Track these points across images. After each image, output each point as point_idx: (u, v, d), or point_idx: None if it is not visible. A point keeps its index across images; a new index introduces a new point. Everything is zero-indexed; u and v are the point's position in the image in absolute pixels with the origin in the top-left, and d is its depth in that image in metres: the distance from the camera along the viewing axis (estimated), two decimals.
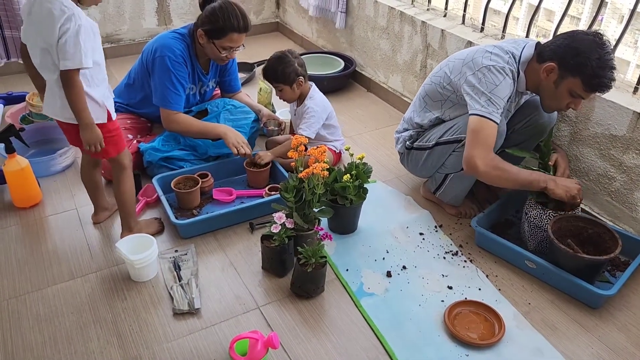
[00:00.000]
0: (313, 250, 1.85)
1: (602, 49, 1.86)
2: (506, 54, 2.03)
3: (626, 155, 2.14)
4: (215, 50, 2.42)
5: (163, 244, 2.17)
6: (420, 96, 2.31)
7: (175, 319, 1.85)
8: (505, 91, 1.99)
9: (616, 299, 1.93)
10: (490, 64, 2.00)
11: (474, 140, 1.97)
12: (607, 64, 1.87)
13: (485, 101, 1.98)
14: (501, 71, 1.99)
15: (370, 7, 3.36)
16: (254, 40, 4.36)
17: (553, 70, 1.94)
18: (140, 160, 2.52)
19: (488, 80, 1.99)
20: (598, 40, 1.87)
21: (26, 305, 1.89)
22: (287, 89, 2.55)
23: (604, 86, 1.90)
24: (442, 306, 1.89)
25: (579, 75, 1.89)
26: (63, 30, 1.70)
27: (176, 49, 2.42)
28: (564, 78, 1.93)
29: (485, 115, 1.96)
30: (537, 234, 2.04)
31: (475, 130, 1.97)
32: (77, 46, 1.71)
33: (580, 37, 1.90)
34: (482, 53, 2.05)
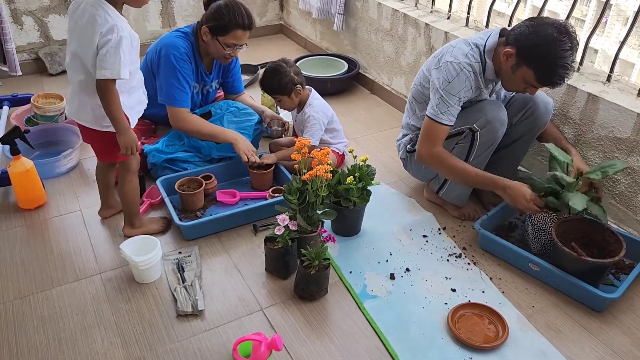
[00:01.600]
0: (316, 252, 1.85)
1: (560, 46, 1.85)
2: (468, 46, 2.07)
3: (630, 157, 2.14)
4: (219, 48, 2.42)
5: (167, 245, 2.17)
6: (410, 100, 2.36)
7: (178, 320, 1.85)
8: (459, 87, 2.04)
9: (620, 302, 1.93)
10: (449, 60, 2.05)
11: (423, 137, 2.15)
12: (559, 62, 1.86)
13: (437, 99, 2.07)
14: (456, 67, 2.03)
15: (374, 10, 3.36)
16: (258, 43, 4.37)
17: (511, 56, 1.97)
18: (144, 162, 2.53)
19: (443, 77, 2.06)
20: (559, 35, 1.85)
21: (31, 306, 1.90)
22: (286, 99, 2.57)
23: (553, 83, 1.93)
24: (446, 309, 1.89)
25: (533, 68, 1.92)
26: (104, 40, 1.74)
27: (180, 46, 2.44)
28: (520, 66, 1.96)
29: (433, 118, 2.08)
30: (541, 236, 2.04)
31: (425, 129, 2.14)
32: (117, 57, 1.75)
33: (543, 29, 1.88)
34: (447, 49, 2.12)
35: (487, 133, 2.10)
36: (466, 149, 2.16)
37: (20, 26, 3.56)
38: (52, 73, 3.65)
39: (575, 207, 1.87)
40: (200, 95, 2.67)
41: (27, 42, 3.63)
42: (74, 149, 2.63)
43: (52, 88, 3.42)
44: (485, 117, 2.09)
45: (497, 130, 2.11)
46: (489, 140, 2.13)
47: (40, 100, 2.93)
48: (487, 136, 2.11)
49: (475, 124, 2.10)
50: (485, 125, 2.09)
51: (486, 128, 2.09)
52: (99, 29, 1.73)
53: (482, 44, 2.07)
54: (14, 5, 3.48)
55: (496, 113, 2.09)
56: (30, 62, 3.68)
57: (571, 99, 2.30)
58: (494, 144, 2.15)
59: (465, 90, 2.05)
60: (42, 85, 3.54)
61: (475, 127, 2.10)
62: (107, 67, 1.75)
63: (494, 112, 2.09)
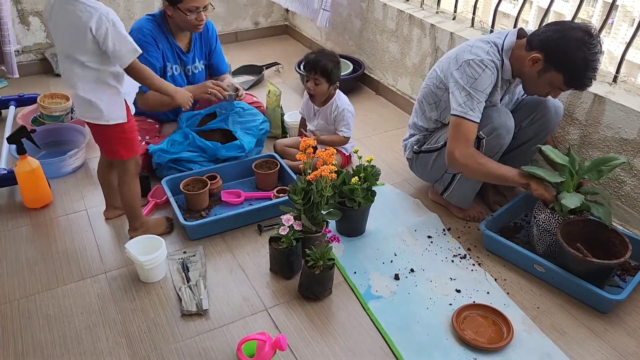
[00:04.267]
0: (321, 253, 1.85)
1: (589, 49, 1.87)
2: (487, 44, 2.07)
3: (637, 159, 2.13)
4: (183, 16, 2.42)
5: (172, 245, 2.18)
6: (419, 100, 2.35)
7: (183, 320, 1.86)
8: (486, 83, 2.03)
9: (626, 304, 1.92)
10: (470, 57, 2.04)
11: (454, 136, 2.07)
12: (590, 65, 1.89)
13: (465, 96, 2.04)
14: (480, 64, 2.02)
15: (380, 10, 3.36)
16: (263, 43, 4.38)
17: (538, 61, 1.96)
18: (150, 162, 2.54)
19: (468, 74, 2.04)
20: (587, 38, 1.87)
21: (36, 305, 1.91)
22: (325, 87, 2.57)
23: (583, 85, 1.96)
24: (450, 309, 1.89)
25: (562, 72, 1.93)
26: (101, 33, 1.73)
27: (145, 29, 2.46)
28: (548, 71, 1.96)
29: (462, 115, 2.04)
30: (546, 237, 2.03)
31: (455, 127, 2.07)
32: (124, 39, 1.77)
33: (570, 33, 1.89)
34: (464, 48, 2.11)
35: (493, 140, 2.09)
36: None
37: (27, 27, 3.58)
38: (58, 73, 3.66)
39: (566, 204, 1.88)
40: (184, 77, 2.66)
41: (34, 42, 3.65)
42: (79, 149, 2.64)
43: (58, 88, 3.43)
44: (492, 125, 2.07)
45: (503, 138, 2.10)
46: (494, 147, 2.11)
47: (47, 100, 2.94)
48: (492, 143, 2.10)
49: (481, 131, 2.08)
50: (492, 132, 2.07)
51: (492, 135, 2.08)
52: (87, 25, 1.71)
53: (500, 42, 2.07)
54: (20, 5, 3.50)
55: (503, 121, 2.07)
56: (37, 63, 3.70)
57: (577, 100, 2.29)
58: (500, 151, 2.14)
59: (490, 86, 2.05)
60: (48, 85, 3.55)
61: (482, 135, 2.08)
62: (124, 52, 1.77)
63: (501, 119, 2.07)
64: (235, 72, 3.68)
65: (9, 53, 2.98)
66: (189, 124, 2.66)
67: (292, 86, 3.64)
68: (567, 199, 1.91)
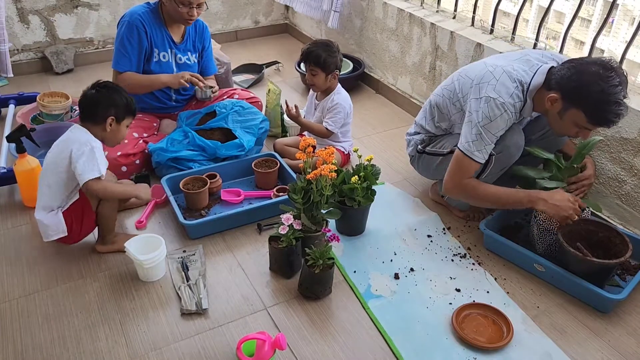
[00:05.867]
0: (321, 252, 1.85)
1: (606, 82, 1.77)
2: (513, 83, 1.97)
3: (637, 158, 2.12)
4: (174, 6, 2.46)
5: (171, 244, 2.18)
6: (431, 104, 2.31)
7: (183, 319, 1.85)
8: (500, 127, 1.98)
9: (626, 303, 1.92)
10: (493, 96, 1.96)
11: (453, 170, 2.09)
12: (610, 98, 1.77)
13: (475, 135, 2.00)
14: (500, 107, 1.95)
15: (380, 9, 3.36)
16: (263, 42, 4.38)
17: (557, 101, 1.90)
18: (149, 161, 2.54)
19: (484, 113, 1.98)
20: (603, 71, 1.78)
21: (35, 304, 1.91)
22: (322, 77, 2.57)
23: (608, 121, 1.83)
24: (450, 309, 1.88)
25: (581, 108, 1.84)
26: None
27: (135, 13, 2.52)
28: (567, 109, 1.89)
29: (467, 154, 2.02)
30: (547, 237, 2.03)
31: (457, 161, 2.07)
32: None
33: (584, 68, 1.82)
34: (489, 79, 2.00)
35: (503, 157, 2.07)
36: (480, 169, 2.11)
37: (27, 25, 3.57)
38: (58, 72, 3.66)
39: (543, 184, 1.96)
40: (173, 65, 2.66)
41: (34, 40, 3.64)
42: None
43: (57, 87, 3.43)
44: (504, 142, 2.04)
45: (513, 156, 2.08)
46: (502, 164, 2.10)
47: (46, 99, 2.94)
48: (502, 159, 2.08)
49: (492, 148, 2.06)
50: (503, 149, 2.05)
51: (503, 152, 2.06)
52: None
53: (527, 81, 1.98)
54: (20, 4, 3.49)
55: (514, 138, 2.05)
56: (37, 61, 3.70)
57: None
58: (506, 167, 2.13)
59: (504, 130, 2.00)
60: (48, 84, 3.55)
61: (492, 151, 2.05)
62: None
63: (513, 137, 2.04)
64: (235, 70, 3.68)
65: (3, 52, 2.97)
66: (189, 123, 2.66)
67: (292, 85, 3.63)
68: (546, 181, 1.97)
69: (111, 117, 2.01)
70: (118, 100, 2.03)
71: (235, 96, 2.83)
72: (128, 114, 2.08)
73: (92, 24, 3.78)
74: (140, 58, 2.55)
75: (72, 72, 3.73)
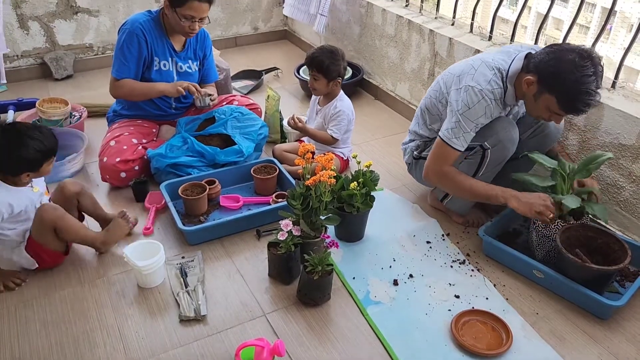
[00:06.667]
0: (320, 258, 1.85)
1: (580, 71, 1.81)
2: (491, 70, 2.02)
3: (635, 164, 2.13)
4: (177, 20, 2.46)
5: (170, 250, 2.17)
6: (421, 110, 2.35)
7: (181, 325, 1.85)
8: (478, 113, 2.01)
9: (625, 310, 1.91)
10: (471, 84, 2.01)
11: (434, 155, 2.14)
12: (581, 88, 1.82)
13: (454, 122, 2.05)
14: (478, 94, 2.00)
15: (379, 16, 3.37)
16: (262, 48, 4.39)
17: (533, 84, 1.94)
18: (148, 167, 2.54)
19: (463, 101, 2.03)
20: (579, 60, 1.81)
21: (34, 311, 1.90)
22: (324, 82, 2.58)
23: (578, 110, 1.89)
24: (449, 315, 1.88)
25: (554, 94, 1.89)
26: None
27: (137, 21, 2.51)
28: (542, 93, 1.93)
29: (446, 141, 2.07)
30: (545, 243, 2.03)
31: (437, 147, 2.12)
32: None
33: (562, 55, 1.85)
34: (468, 69, 2.07)
35: (498, 151, 2.09)
36: (475, 165, 2.14)
37: (27, 31, 3.58)
38: (57, 78, 3.67)
39: (568, 204, 1.89)
40: (174, 74, 2.66)
41: (33, 46, 3.65)
42: (78, 153, 2.64)
43: (57, 93, 3.44)
44: (497, 136, 2.06)
45: (508, 150, 2.09)
46: (498, 158, 2.11)
47: (45, 105, 2.94)
48: (497, 154, 2.10)
49: (486, 141, 2.08)
50: (497, 143, 2.07)
51: (497, 146, 2.07)
52: None
53: (506, 68, 2.03)
54: (20, 10, 3.50)
55: (508, 132, 2.07)
56: (36, 67, 3.70)
57: None
58: (503, 162, 2.14)
59: (485, 118, 2.03)
60: (47, 89, 3.55)
61: (487, 145, 2.08)
62: None
63: (507, 131, 2.07)
64: (234, 76, 3.69)
65: None
66: (188, 129, 2.66)
67: (291, 91, 3.64)
68: (566, 199, 1.91)
69: (25, 173, 1.88)
70: (28, 155, 1.84)
71: (234, 102, 2.84)
72: (47, 158, 1.90)
73: (91, 30, 3.79)
74: (139, 66, 2.55)
75: (72, 78, 3.73)
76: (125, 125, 2.64)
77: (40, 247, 1.98)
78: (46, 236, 1.96)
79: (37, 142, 1.86)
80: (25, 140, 1.84)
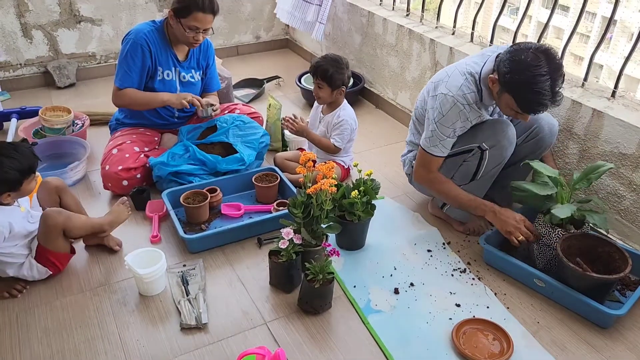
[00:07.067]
0: (321, 266, 1.85)
1: (532, 71, 1.82)
2: (462, 76, 2.05)
3: (635, 173, 2.13)
4: (181, 30, 2.47)
5: (171, 258, 2.18)
6: (413, 120, 2.39)
7: (182, 333, 1.85)
8: (452, 119, 2.06)
9: (626, 319, 1.91)
10: (443, 92, 2.06)
11: (418, 162, 2.24)
12: (533, 88, 1.83)
13: (430, 131, 2.12)
14: (450, 99, 2.04)
15: (380, 25, 3.39)
16: (264, 57, 4.41)
17: (495, 83, 1.97)
18: (150, 175, 2.55)
19: (437, 109, 2.08)
20: (534, 61, 1.82)
21: (35, 318, 1.91)
22: (328, 91, 2.59)
23: (532, 110, 1.92)
24: (450, 324, 1.88)
25: (512, 95, 1.92)
26: None
27: (141, 32, 2.53)
28: (502, 92, 1.96)
29: (425, 149, 2.16)
30: (546, 252, 2.03)
31: (420, 157, 2.22)
32: None
33: (517, 55, 1.87)
34: (443, 76, 2.12)
35: (496, 151, 2.10)
36: (474, 166, 2.16)
37: (30, 40, 3.61)
38: (60, 86, 3.69)
39: (556, 214, 1.89)
40: (177, 84, 2.68)
41: (37, 55, 3.67)
42: (80, 162, 2.65)
43: (60, 101, 3.45)
44: (495, 137, 2.08)
45: (506, 149, 2.11)
46: (497, 159, 2.13)
47: (48, 113, 2.95)
48: (495, 155, 2.11)
49: (484, 142, 2.10)
50: (495, 144, 2.09)
51: (495, 147, 2.09)
52: None
53: (478, 70, 2.06)
54: (24, 19, 3.53)
55: (505, 132, 2.09)
56: (39, 75, 3.72)
57: (576, 115, 2.30)
58: (502, 162, 2.16)
59: (462, 122, 2.07)
60: (50, 98, 3.57)
61: (484, 146, 2.10)
62: None
63: (504, 131, 2.09)
64: (236, 85, 3.70)
65: None
66: (190, 137, 2.68)
67: (292, 99, 3.66)
68: (558, 209, 1.92)
69: (6, 193, 1.85)
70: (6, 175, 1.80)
71: (236, 111, 2.85)
72: (26, 176, 1.87)
73: (94, 39, 3.81)
74: (142, 76, 2.56)
75: (74, 86, 3.76)
76: (127, 134, 2.65)
77: (50, 253, 1.99)
78: (55, 241, 1.99)
79: (13, 161, 1.81)
80: (2, 161, 1.79)
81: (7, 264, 1.95)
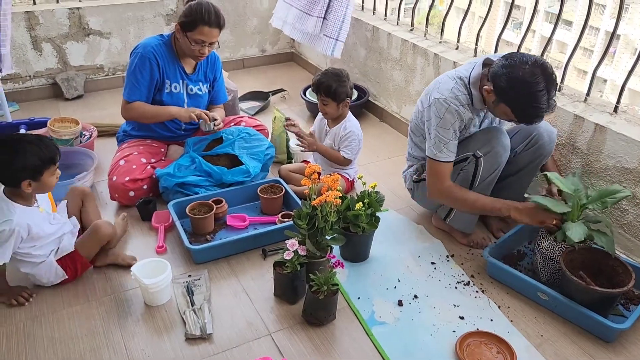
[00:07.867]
0: (325, 278, 1.86)
1: (529, 88, 1.87)
2: (452, 80, 2.12)
3: (638, 187, 2.14)
4: (187, 43, 2.51)
5: (177, 268, 2.19)
6: (409, 135, 2.42)
7: (187, 343, 1.86)
8: (450, 121, 2.10)
9: (630, 333, 1.91)
10: (437, 97, 2.11)
11: (429, 174, 2.22)
12: (533, 104, 1.89)
13: (433, 138, 2.15)
14: (444, 103, 2.09)
15: (384, 39, 3.43)
16: (269, 70, 4.45)
17: (490, 93, 2.01)
18: (156, 186, 2.57)
19: (434, 114, 2.12)
20: (532, 77, 1.87)
21: (41, 327, 1.92)
22: (334, 106, 2.62)
23: (530, 122, 1.99)
24: (454, 336, 1.89)
25: (509, 106, 1.97)
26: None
27: (149, 45, 2.56)
28: (499, 103, 2.00)
29: (433, 157, 2.16)
30: (550, 265, 2.04)
31: (429, 169, 2.21)
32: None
33: (515, 71, 1.90)
34: (435, 85, 2.18)
35: (491, 158, 2.13)
36: (470, 174, 2.18)
37: (40, 52, 3.66)
38: (68, 98, 3.73)
39: (571, 237, 1.88)
40: (184, 96, 2.70)
41: (45, 67, 3.72)
42: (88, 172, 2.67)
43: (68, 112, 3.49)
44: (489, 143, 2.12)
45: (501, 156, 2.13)
46: (492, 166, 2.15)
47: (56, 124, 2.99)
48: (490, 161, 2.14)
49: (478, 150, 2.14)
50: (489, 150, 2.12)
51: (490, 154, 2.13)
52: None
53: (467, 75, 2.11)
54: (34, 32, 3.58)
55: (499, 139, 2.13)
56: (48, 87, 3.77)
57: (578, 129, 2.32)
58: (498, 169, 2.18)
59: (460, 122, 2.11)
60: (58, 109, 3.61)
61: (479, 153, 2.14)
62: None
63: (497, 138, 2.13)
64: (241, 98, 3.74)
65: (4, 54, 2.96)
66: (196, 149, 2.70)
67: (297, 112, 3.69)
68: (571, 230, 1.91)
69: (26, 181, 1.88)
70: (26, 161, 1.85)
71: (242, 123, 2.88)
72: (47, 166, 1.91)
73: (102, 51, 3.87)
74: (150, 89, 2.59)
75: (82, 98, 3.80)
76: (134, 145, 2.68)
77: (80, 258, 2.07)
78: (94, 249, 2.10)
79: (35, 147, 1.88)
80: (24, 146, 1.86)
81: (23, 262, 1.98)
